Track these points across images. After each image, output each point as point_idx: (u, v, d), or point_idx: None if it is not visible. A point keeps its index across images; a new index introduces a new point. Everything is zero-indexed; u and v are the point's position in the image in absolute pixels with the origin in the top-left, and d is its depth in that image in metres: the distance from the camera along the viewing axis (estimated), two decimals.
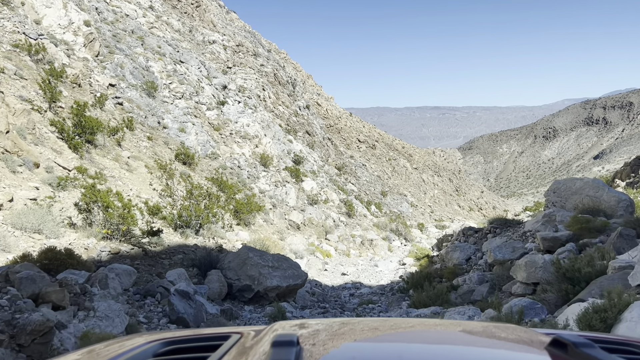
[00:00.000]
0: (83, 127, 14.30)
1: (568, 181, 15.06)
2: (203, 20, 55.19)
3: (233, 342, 1.51)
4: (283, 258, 11.49)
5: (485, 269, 12.81)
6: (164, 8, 45.80)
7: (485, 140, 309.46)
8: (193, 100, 30.44)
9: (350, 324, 1.72)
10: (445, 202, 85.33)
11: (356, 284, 16.47)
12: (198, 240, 13.04)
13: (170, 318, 7.14)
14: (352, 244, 27.16)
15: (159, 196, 14.97)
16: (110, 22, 33.30)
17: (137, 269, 9.22)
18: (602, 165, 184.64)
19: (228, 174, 25.94)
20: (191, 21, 51.37)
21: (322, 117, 71.88)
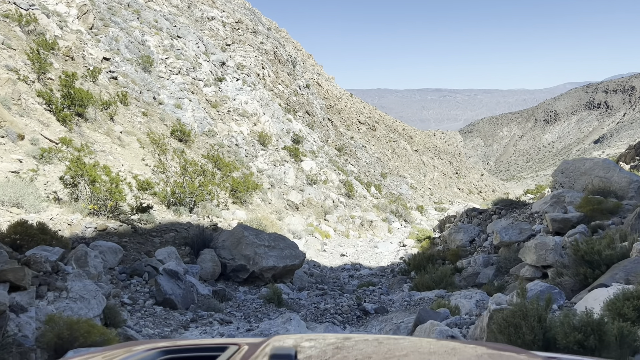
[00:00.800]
0: (72, 99, 13.66)
1: (577, 161, 14.50)
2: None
3: (230, 353, 1.49)
4: (280, 237, 10.97)
5: (490, 251, 12.32)
6: None
7: (486, 124, 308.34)
8: (190, 76, 29.67)
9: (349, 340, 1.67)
10: (445, 184, 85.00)
11: (355, 265, 16.02)
12: (192, 218, 12.51)
13: (157, 299, 6.63)
14: (352, 225, 26.70)
15: (151, 172, 14.40)
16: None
17: (125, 246, 8.70)
18: (603, 150, 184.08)
19: (225, 152, 25.33)
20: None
21: (322, 98, 71.01)
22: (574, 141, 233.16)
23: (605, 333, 3.07)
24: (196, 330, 5.88)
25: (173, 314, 6.43)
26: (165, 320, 6.12)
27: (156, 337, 5.30)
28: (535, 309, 3.40)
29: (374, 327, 6.89)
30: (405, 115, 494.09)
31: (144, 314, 6.16)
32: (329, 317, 7.91)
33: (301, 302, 8.96)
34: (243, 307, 8.06)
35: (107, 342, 3.90)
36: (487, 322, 3.83)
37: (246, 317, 7.49)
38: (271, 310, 8.01)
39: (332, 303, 8.80)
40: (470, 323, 4.93)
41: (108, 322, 5.01)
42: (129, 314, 5.97)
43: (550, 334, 3.35)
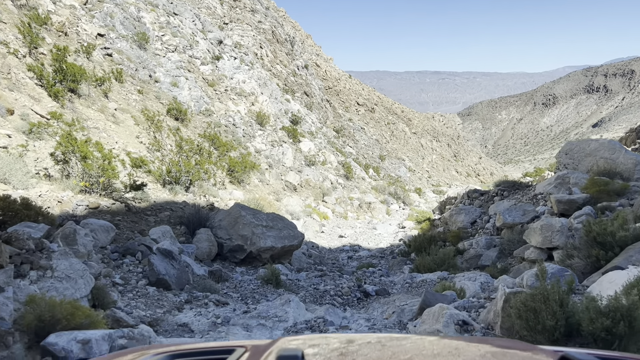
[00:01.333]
0: (64, 74, 13.23)
1: (582, 142, 14.19)
2: None
3: (237, 356, 1.50)
4: (278, 217, 10.68)
5: (492, 232, 12.07)
6: None
7: (485, 107, 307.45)
8: (187, 54, 29.11)
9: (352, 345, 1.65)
10: (443, 167, 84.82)
11: (354, 247, 15.78)
12: (188, 197, 12.20)
13: (150, 280, 6.35)
14: (350, 207, 26.46)
15: (147, 150, 14.05)
16: None
17: (118, 225, 8.40)
18: (601, 134, 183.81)
19: (222, 131, 24.94)
20: None
21: (320, 79, 70.27)
22: (572, 125, 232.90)
23: (636, 319, 2.81)
24: (190, 311, 5.62)
25: (166, 295, 6.16)
26: (158, 301, 5.85)
27: (147, 319, 5.04)
28: (556, 292, 3.13)
29: (375, 309, 6.66)
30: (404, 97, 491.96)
31: (135, 295, 5.89)
32: (328, 299, 7.67)
33: (300, 284, 8.71)
34: (240, 288, 7.80)
35: (93, 325, 3.63)
36: (502, 305, 3.57)
37: (243, 299, 7.24)
38: (269, 291, 7.76)
39: (331, 284, 8.56)
40: (480, 306, 4.68)
41: (96, 303, 4.74)
42: (120, 295, 5.69)
43: (573, 319, 3.08)
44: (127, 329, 4.06)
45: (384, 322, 5.31)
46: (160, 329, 4.93)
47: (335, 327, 5.30)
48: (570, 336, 3.10)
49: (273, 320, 5.26)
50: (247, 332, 4.78)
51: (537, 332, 3.08)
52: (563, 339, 3.08)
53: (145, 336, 4.14)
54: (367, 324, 5.20)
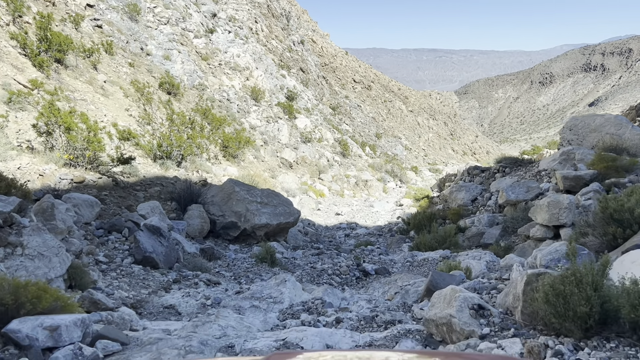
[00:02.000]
0: (50, 43, 12.62)
1: (587, 117, 13.76)
2: None
3: None
4: (273, 194, 10.25)
5: (495, 210, 11.70)
6: None
7: (481, 85, 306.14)
8: (179, 26, 28.28)
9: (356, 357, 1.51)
10: (439, 145, 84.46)
11: (351, 224, 15.42)
12: (179, 172, 11.74)
13: (136, 258, 5.94)
14: (346, 184, 26.08)
15: (137, 123, 13.53)
16: None
17: (104, 200, 7.96)
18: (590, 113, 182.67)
19: (216, 106, 24.35)
20: None
21: (317, 55, 69.20)
22: (568, 104, 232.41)
23: None
24: (178, 292, 5.22)
25: (153, 274, 5.77)
26: (143, 280, 5.46)
27: (130, 300, 4.64)
28: (590, 274, 2.74)
29: (376, 289, 6.30)
30: (400, 75, 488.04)
31: (119, 274, 5.49)
32: (326, 278, 7.30)
33: (296, 262, 8.34)
34: (233, 267, 7.42)
35: (65, 309, 3.23)
36: (523, 288, 3.18)
37: (236, 278, 6.86)
38: (264, 270, 7.38)
39: (329, 263, 8.19)
40: (492, 288, 4.31)
41: (73, 284, 4.34)
42: (102, 274, 5.29)
43: (609, 305, 2.70)
44: (106, 313, 3.66)
45: (387, 304, 4.94)
46: (145, 311, 4.55)
47: (334, 308, 4.93)
48: (605, 324, 2.73)
49: (267, 302, 4.88)
50: (239, 314, 4.40)
51: (567, 320, 2.71)
52: (597, 327, 2.71)
53: (126, 320, 3.75)
54: (368, 306, 4.83)
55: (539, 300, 2.88)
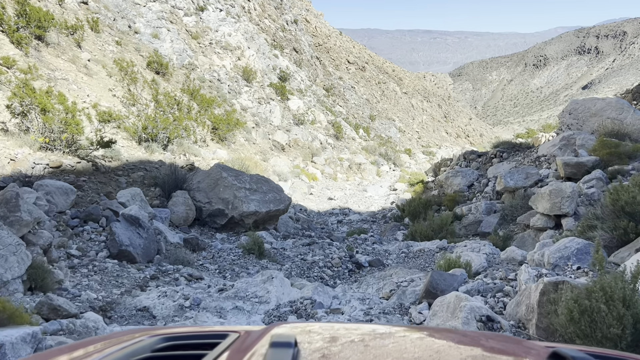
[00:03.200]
0: (29, 19, 11.97)
1: (587, 101, 13.35)
2: None
3: (231, 341, 1.50)
4: (263, 180, 9.79)
5: (492, 197, 11.33)
6: None
7: (475, 67, 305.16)
8: (169, 3, 27.45)
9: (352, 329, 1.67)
10: (433, 128, 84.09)
11: (344, 210, 15.03)
12: (165, 156, 11.24)
13: (111, 251, 5.50)
14: (340, 168, 25.65)
15: (122, 104, 12.97)
16: None
17: (82, 187, 7.48)
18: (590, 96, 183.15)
19: (207, 87, 23.72)
20: None
21: (310, 35, 68.16)
22: (562, 87, 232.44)
23: None
24: (155, 291, 4.80)
25: (129, 270, 5.33)
26: (117, 278, 5.03)
27: (99, 302, 4.22)
28: (621, 287, 2.34)
29: (370, 285, 5.91)
30: (394, 57, 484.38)
31: (91, 270, 5.05)
32: (317, 271, 6.91)
33: (286, 253, 7.94)
34: (218, 259, 7.01)
35: (14, 319, 2.80)
36: (538, 299, 2.79)
37: (221, 271, 6.45)
38: (251, 262, 6.97)
39: (320, 254, 7.79)
40: (497, 290, 3.93)
41: (34, 286, 3.91)
42: (72, 271, 4.86)
43: None
44: (67, 321, 3.23)
45: (382, 305, 4.55)
46: (115, 315, 4.13)
47: (325, 309, 4.54)
48: (638, 346, 2.35)
49: (252, 302, 4.48)
50: (220, 317, 4.00)
51: (593, 341, 2.32)
52: (629, 350, 2.32)
53: (90, 328, 3.32)
54: (362, 307, 4.44)
55: (561, 316, 2.48)
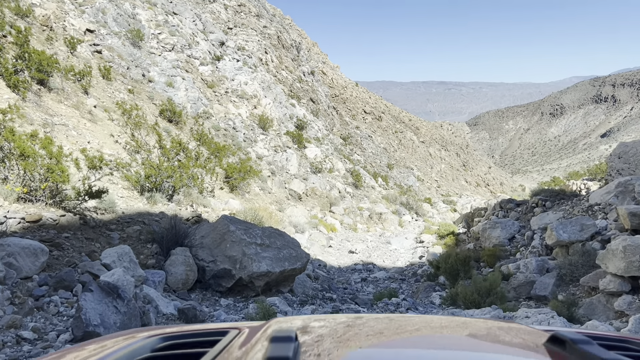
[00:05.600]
0: (28, 62, 11.19)
1: (637, 144, 11.98)
2: None
3: (231, 337, 1.51)
4: (277, 233, 8.48)
5: (541, 252, 9.83)
6: None
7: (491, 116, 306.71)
8: (185, 53, 27.12)
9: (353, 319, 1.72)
10: (452, 177, 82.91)
11: (368, 266, 13.56)
12: (168, 207, 10.06)
13: (74, 333, 4.18)
14: (360, 218, 24.27)
15: (125, 152, 11.95)
16: None
17: (60, 245, 6.26)
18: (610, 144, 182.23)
19: (221, 135, 22.90)
20: None
21: (327, 86, 68.44)
22: (580, 135, 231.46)
23: None
24: None
25: None
26: None
27: None
28: None
29: None
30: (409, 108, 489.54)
31: None
32: None
33: None
34: None
35: None
36: None
37: None
38: None
39: None
40: None
41: None
42: None
43: None
44: None
45: None
46: None
47: None
48: None
49: None
50: None
51: None
52: None
53: None
54: None
55: None
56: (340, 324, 1.59)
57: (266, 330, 1.46)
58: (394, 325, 1.59)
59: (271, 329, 1.42)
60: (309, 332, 1.47)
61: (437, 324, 1.64)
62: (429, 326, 1.59)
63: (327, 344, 1.34)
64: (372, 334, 1.50)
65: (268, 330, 1.43)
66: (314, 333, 1.46)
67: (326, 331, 1.49)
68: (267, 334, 1.37)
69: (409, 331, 1.55)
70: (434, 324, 1.63)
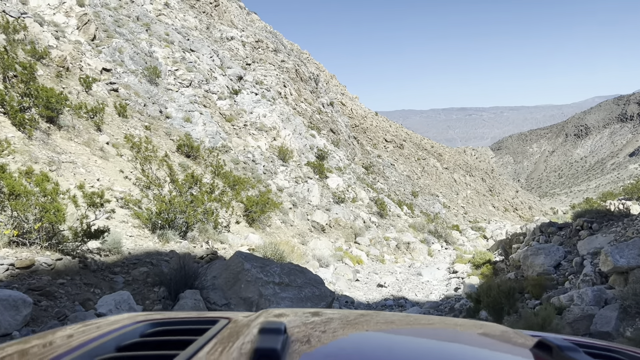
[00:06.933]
0: (35, 98, 10.78)
1: None
2: (222, 19, 52.10)
3: (221, 326, 1.50)
4: (297, 270, 7.62)
5: (595, 280, 8.74)
6: (181, 6, 42.42)
7: (515, 140, 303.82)
8: (202, 88, 26.95)
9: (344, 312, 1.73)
10: (479, 202, 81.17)
11: (399, 300, 12.51)
12: (181, 245, 9.32)
13: None
14: (387, 248, 23.23)
15: (138, 188, 11.35)
16: (112, 7, 30.08)
17: (52, 294, 5.52)
18: (639, 163, 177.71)
19: (241, 168, 22.34)
20: (209, 19, 48.13)
21: (347, 116, 68.26)
22: (607, 155, 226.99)
23: None
24: None
25: None
26: None
27: None
28: None
29: None
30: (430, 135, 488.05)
31: None
32: None
33: None
34: None
35: None
36: None
37: None
38: None
39: None
40: None
41: None
42: None
43: None
44: None
45: None
46: None
47: None
48: None
49: None
50: None
51: None
52: None
53: None
54: None
55: None
56: (332, 319, 1.58)
57: (256, 321, 1.46)
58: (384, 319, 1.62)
59: (260, 320, 1.42)
60: (299, 324, 1.47)
61: (427, 321, 1.71)
62: (419, 322, 1.64)
63: (316, 336, 1.33)
64: (364, 328, 1.51)
65: (257, 321, 1.43)
66: (305, 326, 1.46)
67: (317, 324, 1.49)
68: (256, 324, 1.37)
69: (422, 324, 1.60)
70: (424, 321, 1.69)
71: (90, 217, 6.77)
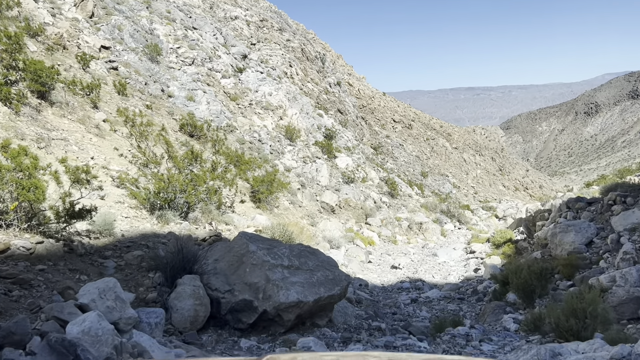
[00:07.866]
0: (23, 71, 10.02)
1: None
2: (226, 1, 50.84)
3: None
4: (308, 251, 6.85)
5: (637, 258, 7.92)
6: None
7: (524, 119, 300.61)
8: (205, 67, 26.05)
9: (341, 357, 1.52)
10: (489, 182, 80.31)
11: (416, 283, 11.75)
12: (181, 227, 8.60)
13: None
14: (398, 229, 22.49)
15: (135, 167, 10.62)
16: None
17: (28, 282, 4.80)
18: None
19: (247, 148, 21.55)
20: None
21: (354, 97, 67.15)
22: (618, 132, 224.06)
23: None
24: None
25: None
26: None
27: None
28: None
29: None
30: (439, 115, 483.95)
31: None
32: None
33: None
34: None
35: None
36: None
37: None
38: None
39: None
40: None
41: None
42: None
43: None
44: None
45: None
46: None
47: None
48: None
49: None
50: None
51: None
52: None
53: None
54: None
55: None
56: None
57: None
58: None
59: None
60: None
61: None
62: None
63: None
64: None
65: None
66: None
67: None
68: None
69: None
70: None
71: (75, 195, 6.02)
